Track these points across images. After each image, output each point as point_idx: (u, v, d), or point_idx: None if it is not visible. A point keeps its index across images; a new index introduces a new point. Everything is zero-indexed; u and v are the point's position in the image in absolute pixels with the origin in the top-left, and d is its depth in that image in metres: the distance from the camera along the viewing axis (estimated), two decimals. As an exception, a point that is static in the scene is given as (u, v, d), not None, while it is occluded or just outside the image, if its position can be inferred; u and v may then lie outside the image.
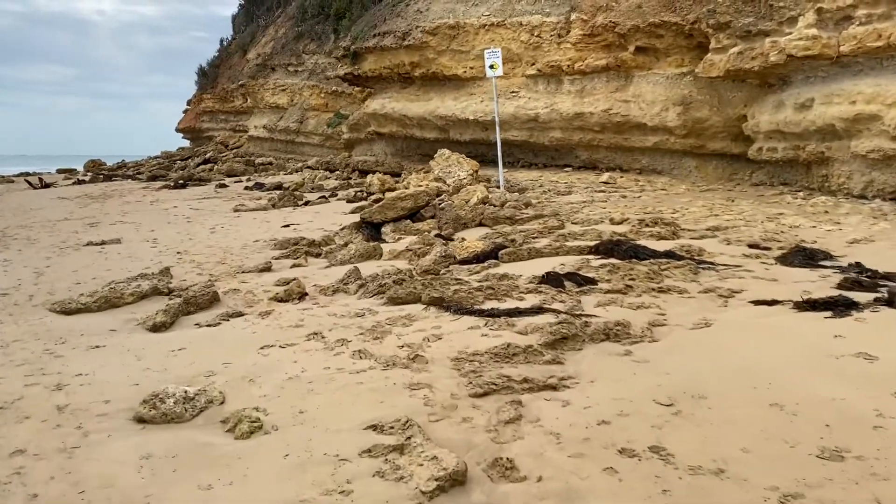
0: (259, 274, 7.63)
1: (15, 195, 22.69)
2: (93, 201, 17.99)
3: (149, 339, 5.21)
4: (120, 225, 12.67)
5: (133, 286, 6.88)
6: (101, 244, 10.25)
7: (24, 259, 9.38)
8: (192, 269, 8.04)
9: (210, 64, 39.51)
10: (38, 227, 13.11)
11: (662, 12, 12.77)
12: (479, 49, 15.38)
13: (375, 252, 8.02)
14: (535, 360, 4.04)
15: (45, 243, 10.80)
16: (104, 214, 14.59)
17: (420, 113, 16.48)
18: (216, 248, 9.38)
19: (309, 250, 8.65)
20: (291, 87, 28.94)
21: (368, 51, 17.52)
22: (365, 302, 5.83)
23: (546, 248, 7.02)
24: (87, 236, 11.30)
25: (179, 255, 9.00)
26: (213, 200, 16.44)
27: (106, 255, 9.35)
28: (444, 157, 13.83)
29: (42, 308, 6.56)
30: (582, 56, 13.85)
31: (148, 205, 16.21)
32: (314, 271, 7.55)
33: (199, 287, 6.95)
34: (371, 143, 21.44)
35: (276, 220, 12.02)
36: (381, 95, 18.07)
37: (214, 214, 13.51)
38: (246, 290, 6.77)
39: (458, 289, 5.50)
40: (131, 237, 10.94)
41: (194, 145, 40.75)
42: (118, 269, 8.22)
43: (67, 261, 9.05)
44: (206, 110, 38.17)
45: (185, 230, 11.41)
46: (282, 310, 5.80)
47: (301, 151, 28.15)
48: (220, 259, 8.61)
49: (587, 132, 13.79)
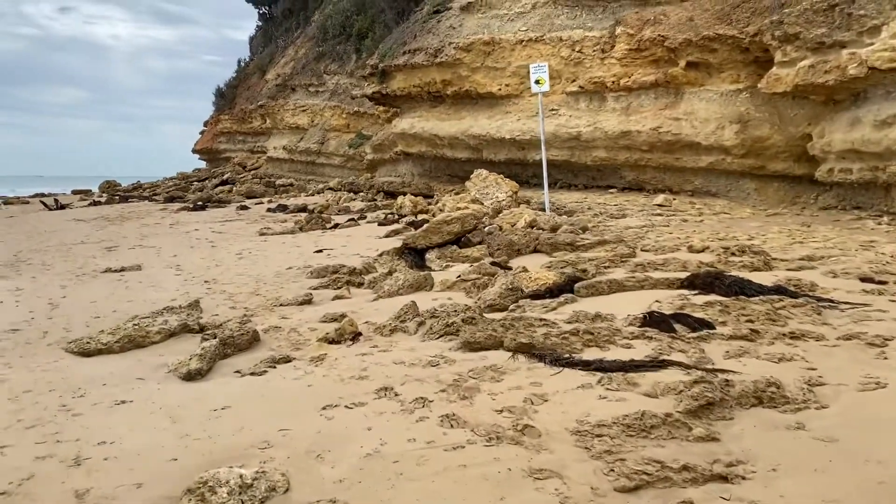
0: (300, 307, 6.81)
1: (30, 217, 22.09)
2: (110, 223, 17.29)
3: (184, 392, 4.37)
4: (139, 249, 11.91)
5: (159, 323, 6.07)
6: (121, 271, 9.48)
7: (37, 288, 8.61)
8: (224, 301, 7.23)
9: (227, 85, 39.13)
10: (52, 251, 12.39)
11: (717, 25, 11.98)
12: (516, 66, 14.67)
13: (426, 282, 7.19)
14: (681, 436, 3.17)
15: (60, 269, 10.05)
16: (122, 238, 13.86)
17: (452, 132, 15.73)
18: (247, 277, 8.57)
19: (350, 279, 7.83)
20: (312, 107, 28.35)
21: (397, 69, 16.83)
22: (432, 345, 4.99)
23: (628, 280, 6.15)
24: (105, 262, 10.54)
25: (208, 285, 8.19)
26: (235, 223, 15.70)
27: (126, 283, 8.57)
28: (480, 177, 13.05)
29: (57, 348, 5.76)
30: (628, 72, 13.07)
31: (167, 227, 15.48)
32: (361, 305, 6.72)
33: (235, 324, 6.12)
34: (396, 164, 20.72)
35: (306, 245, 11.23)
36: (410, 114, 17.35)
37: (239, 238, 12.74)
38: (289, 327, 5.94)
39: (548, 332, 4.64)
40: (152, 263, 10.17)
41: (211, 166, 40.27)
42: (140, 301, 7.43)
43: (84, 290, 8.27)
44: (224, 131, 37.70)
45: (210, 255, 10.63)
46: (336, 354, 4.95)
47: (321, 173, 27.49)
48: (252, 289, 7.79)
49: (634, 151, 12.98)
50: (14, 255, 12.10)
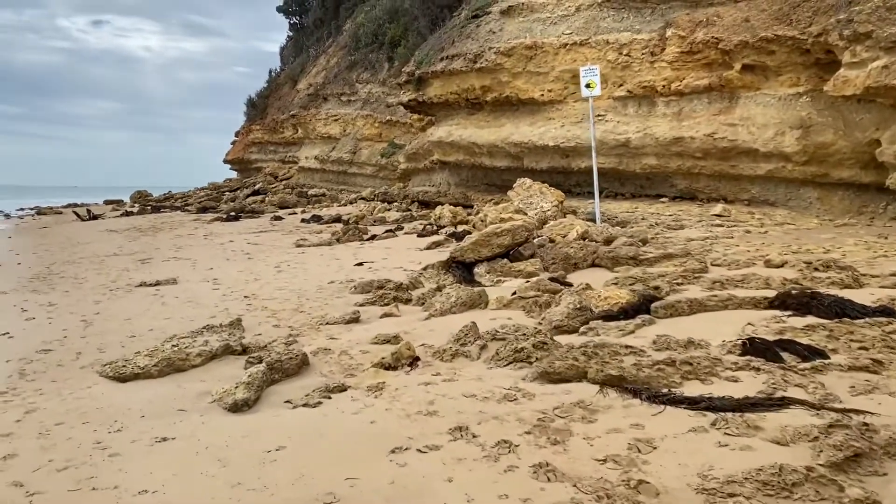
0: (347, 327, 6.34)
1: (62, 227, 22.04)
2: (142, 234, 17.07)
3: (232, 428, 3.91)
4: (174, 262, 11.58)
5: (200, 344, 5.65)
6: (156, 285, 9.12)
7: (70, 303, 8.27)
8: (266, 319, 6.79)
9: (259, 95, 39.13)
10: (85, 263, 12.11)
11: (775, 26, 11.36)
12: (559, 70, 14.17)
13: (480, 300, 6.69)
14: (832, 497, 2.62)
15: (93, 283, 9.72)
16: (156, 249, 13.56)
17: (491, 140, 15.25)
18: (288, 292, 8.15)
19: (397, 295, 7.35)
20: (344, 116, 28.09)
21: (434, 75, 16.41)
22: (500, 374, 4.48)
23: (710, 299, 5.59)
24: (140, 275, 10.20)
25: (248, 300, 7.78)
26: (270, 234, 15.36)
27: (162, 298, 8.19)
28: (524, 186, 12.53)
29: (91, 371, 5.36)
30: (679, 75, 12.49)
31: (201, 238, 15.18)
32: (413, 324, 6.23)
33: (281, 346, 5.70)
34: (430, 173, 20.29)
35: (345, 257, 10.80)
36: (447, 122, 16.91)
37: (276, 250, 12.36)
38: (339, 349, 5.47)
39: (638, 361, 4.11)
40: (188, 276, 9.80)
41: (242, 176, 40.28)
42: (178, 318, 7.02)
43: (119, 306, 7.90)
44: (255, 141, 37.66)
45: (247, 268, 10.24)
46: (395, 382, 4.46)
47: (354, 182, 27.18)
48: (295, 306, 7.35)
49: (686, 159, 12.37)
50: (47, 267, 11.86)
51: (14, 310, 7.98)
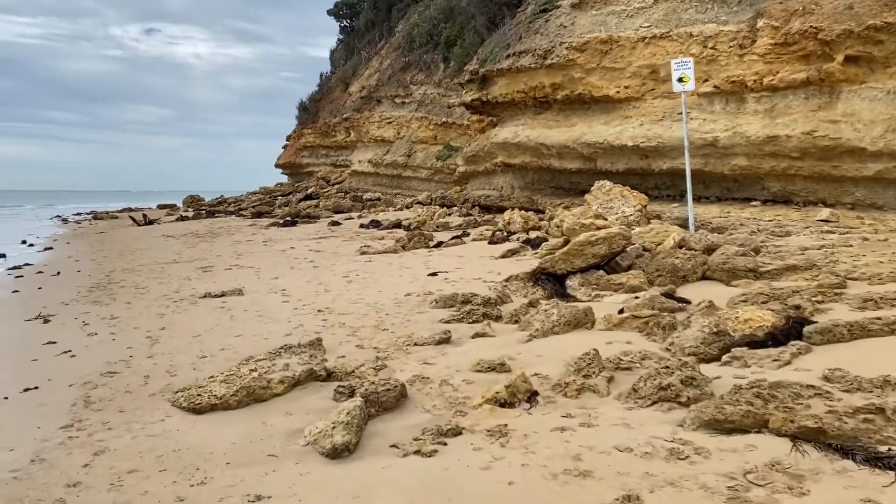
0: (439, 349, 5.66)
1: (119, 233, 21.97)
2: (200, 240, 16.74)
3: (336, 484, 3.25)
4: (237, 270, 11.09)
5: (280, 368, 5.04)
6: (222, 296, 8.59)
7: (133, 316, 7.78)
8: (347, 338, 6.15)
9: (310, 99, 38.96)
10: (145, 271, 11.72)
11: (885, 12, 10.33)
12: (637, 66, 13.31)
13: (587, 319, 5.94)
14: None
15: (155, 294, 9.26)
16: (216, 256, 13.13)
17: (561, 140, 14.44)
18: (364, 305, 7.51)
19: (487, 311, 6.64)
20: (398, 119, 27.57)
21: (500, 73, 15.69)
22: (647, 417, 3.74)
23: (873, 322, 4.74)
24: (203, 285, 9.71)
25: (322, 315, 7.16)
26: (330, 240, 14.83)
27: (230, 312, 7.63)
28: (603, 189, 11.73)
29: (162, 399, 4.78)
30: (772, 69, 11.52)
31: (261, 245, 14.73)
32: (513, 346, 5.52)
33: (370, 371, 5.04)
34: (491, 176, 19.57)
35: (415, 267, 10.16)
36: (512, 123, 16.16)
37: (340, 258, 11.79)
38: (437, 377, 4.79)
39: (831, 407, 3.31)
40: (254, 287, 9.27)
41: (294, 181, 40.18)
42: (250, 336, 6.44)
43: (185, 320, 7.37)
44: (307, 145, 37.49)
45: (314, 278, 9.67)
46: (521, 426, 3.76)
47: (408, 186, 26.63)
48: (375, 322, 6.70)
49: (781, 159, 11.39)
50: (106, 275, 11.49)
51: (75, 324, 7.53)
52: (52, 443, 4.06)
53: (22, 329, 7.52)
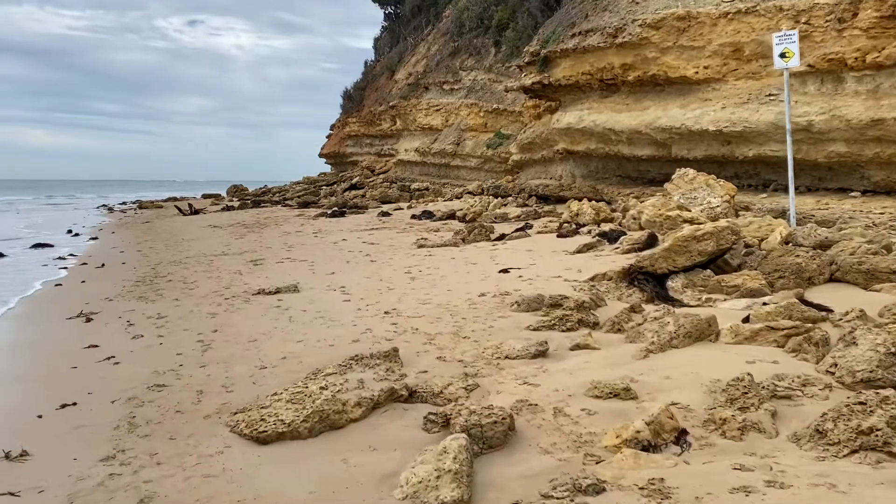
0: (536, 363, 4.81)
1: (165, 223, 21.58)
2: (248, 231, 16.14)
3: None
4: (289, 264, 10.38)
5: (354, 385, 4.28)
6: (276, 293, 7.87)
7: (182, 315, 7.08)
8: (423, 347, 5.34)
9: (355, 87, 38.32)
10: (193, 264, 11.09)
11: None
12: (718, 44, 12.21)
13: (710, 330, 5.03)
14: None
15: (204, 289, 8.58)
16: (266, 248, 12.47)
17: (632, 125, 13.42)
18: (435, 307, 6.69)
19: (583, 318, 5.77)
20: (446, 106, 26.70)
21: (564, 54, 14.69)
22: (851, 473, 2.84)
23: None
24: (255, 280, 9.02)
25: (390, 317, 6.36)
26: (382, 232, 14.08)
27: (288, 312, 6.89)
28: (686, 178, 10.74)
29: (219, 423, 4.03)
30: (877, 45, 10.34)
31: (311, 236, 14.04)
32: (628, 364, 4.64)
33: (467, 396, 4.23)
34: (548, 165, 18.60)
35: (483, 262, 9.32)
36: (576, 107, 15.16)
37: (397, 251, 11.01)
38: (548, 404, 3.95)
39: None
40: (310, 282, 8.53)
41: (337, 170, 39.66)
42: (313, 342, 5.67)
43: (239, 321, 6.64)
44: (351, 134, 36.88)
45: (374, 273, 8.89)
46: (684, 482, 2.89)
47: (456, 175, 25.77)
48: (452, 328, 5.87)
49: (888, 145, 10.23)
50: (152, 268, 10.90)
51: (119, 324, 6.86)
52: (90, 482, 3.33)
53: (62, 329, 6.89)
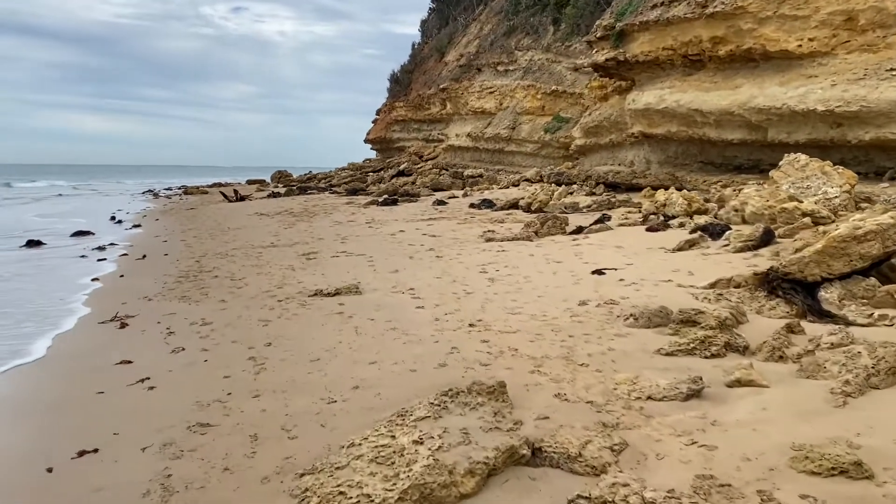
0: (692, 408, 3.66)
1: (210, 209, 20.81)
2: (296, 220, 15.19)
3: None
4: (345, 259, 9.34)
5: (458, 440, 3.29)
6: (336, 294, 6.82)
7: (229, 321, 6.07)
8: (532, 377, 4.21)
9: (402, 70, 37.19)
10: (240, 257, 10.13)
11: None
12: (826, 13, 10.76)
13: (918, 363, 3.78)
14: None
15: (254, 288, 7.58)
16: (318, 240, 11.46)
17: (722, 106, 12.03)
18: (528, 318, 5.56)
19: (729, 341, 4.57)
20: (501, 88, 25.41)
21: (642, 28, 13.33)
22: None
23: None
24: (310, 277, 8.00)
25: (475, 330, 5.25)
26: (442, 223, 12.97)
27: (352, 320, 5.82)
28: (796, 164, 9.37)
29: (280, 489, 2.97)
30: None
31: (365, 227, 13.01)
32: (823, 412, 3.44)
33: (614, 459, 3.09)
34: (615, 150, 17.24)
35: (567, 260, 8.15)
36: (655, 86, 13.79)
37: (463, 246, 9.89)
38: (745, 484, 2.81)
39: None
40: (372, 282, 7.46)
41: (383, 156, 38.68)
42: (389, 364, 4.59)
43: (296, 332, 5.59)
44: (398, 119, 35.81)
45: (443, 272, 7.79)
46: None
47: (511, 162, 24.51)
48: (559, 348, 4.73)
49: None
50: (197, 260, 9.96)
51: (158, 331, 5.88)
52: None
53: (93, 337, 5.95)
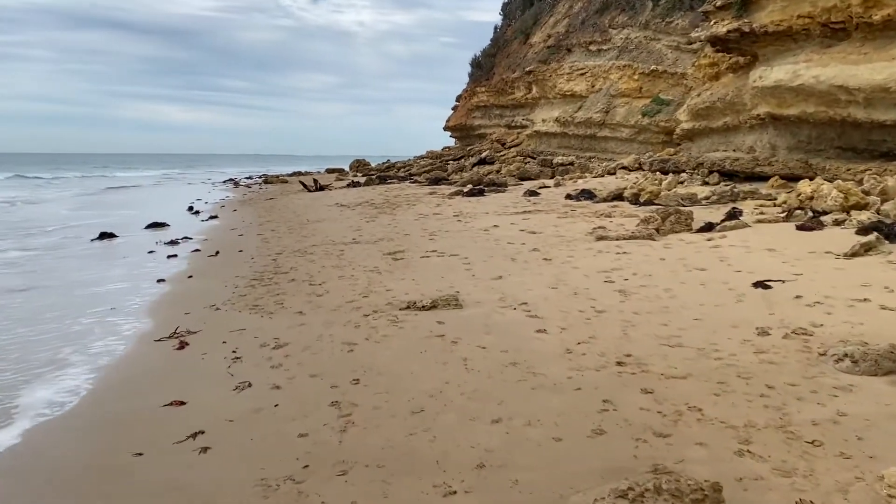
0: None
1: (289, 200, 20.04)
2: (378, 212, 14.11)
3: None
4: (437, 260, 8.13)
5: None
6: (432, 308, 5.63)
7: (307, 343, 4.93)
8: (735, 457, 2.85)
9: (484, 54, 35.76)
10: (320, 254, 9.07)
11: None
12: None
13: None
14: None
15: (336, 296, 6.44)
16: (403, 235, 10.30)
17: (876, 81, 10.19)
18: (695, 354, 4.18)
19: None
20: (593, 69, 23.70)
21: (774, -8, 11.56)
22: None
23: None
24: (398, 283, 6.81)
25: (632, 374, 3.91)
26: (539, 217, 11.60)
27: (458, 347, 4.58)
28: None
29: None
30: None
31: (453, 221, 11.78)
32: None
33: None
34: (730, 134, 15.43)
35: (712, 266, 6.70)
36: (786, 60, 11.98)
37: (572, 246, 8.52)
38: None
39: None
40: (473, 292, 6.21)
41: (463, 144, 37.42)
42: (519, 424, 3.35)
43: (389, 363, 4.39)
44: (479, 105, 34.45)
45: (557, 280, 6.45)
46: None
47: (603, 148, 22.83)
48: (762, 408, 3.35)
49: None
50: (273, 259, 8.96)
51: (222, 355, 4.79)
52: None
53: (146, 361, 4.92)
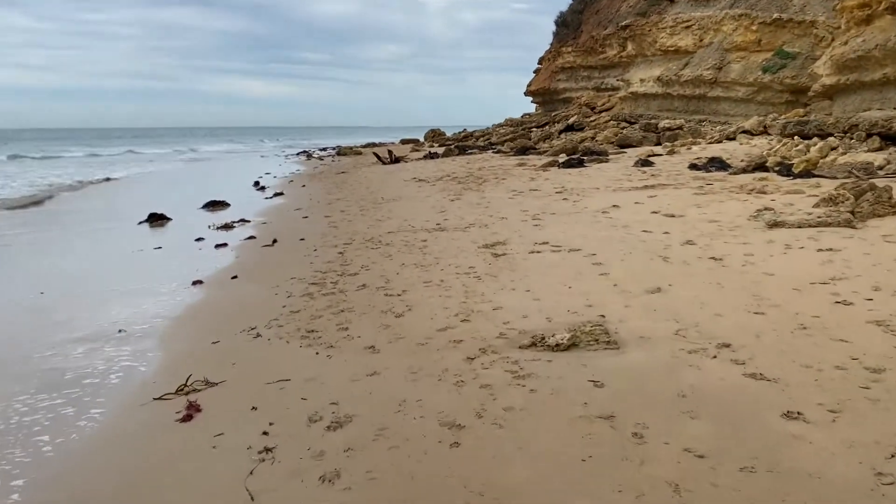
0: None
1: (363, 173, 18.32)
2: (463, 188, 12.16)
3: None
4: (552, 257, 6.13)
5: None
6: (571, 348, 3.70)
7: (380, 420, 3.10)
8: None
9: (570, 10, 33.04)
10: (398, 245, 7.23)
11: None
12: None
13: None
14: None
15: (421, 318, 4.57)
16: (499, 220, 8.33)
17: None
18: None
19: None
20: (701, 21, 20.91)
21: None
22: None
23: None
24: (509, 296, 4.87)
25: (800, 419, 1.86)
26: (667, 192, 9.41)
27: (646, 450, 2.61)
28: None
29: None
30: None
31: (557, 199, 9.70)
32: None
33: None
34: (887, 89, 12.72)
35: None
36: None
37: (739, 236, 6.36)
38: None
39: None
40: (627, 316, 4.21)
41: (544, 109, 34.94)
42: None
43: (528, 479, 2.46)
44: (565, 66, 31.86)
45: (758, 299, 4.36)
46: None
47: (713, 110, 20.13)
48: None
49: None
50: (340, 251, 7.17)
51: (246, 437, 3.00)
52: None
53: (119, 450, 3.15)
